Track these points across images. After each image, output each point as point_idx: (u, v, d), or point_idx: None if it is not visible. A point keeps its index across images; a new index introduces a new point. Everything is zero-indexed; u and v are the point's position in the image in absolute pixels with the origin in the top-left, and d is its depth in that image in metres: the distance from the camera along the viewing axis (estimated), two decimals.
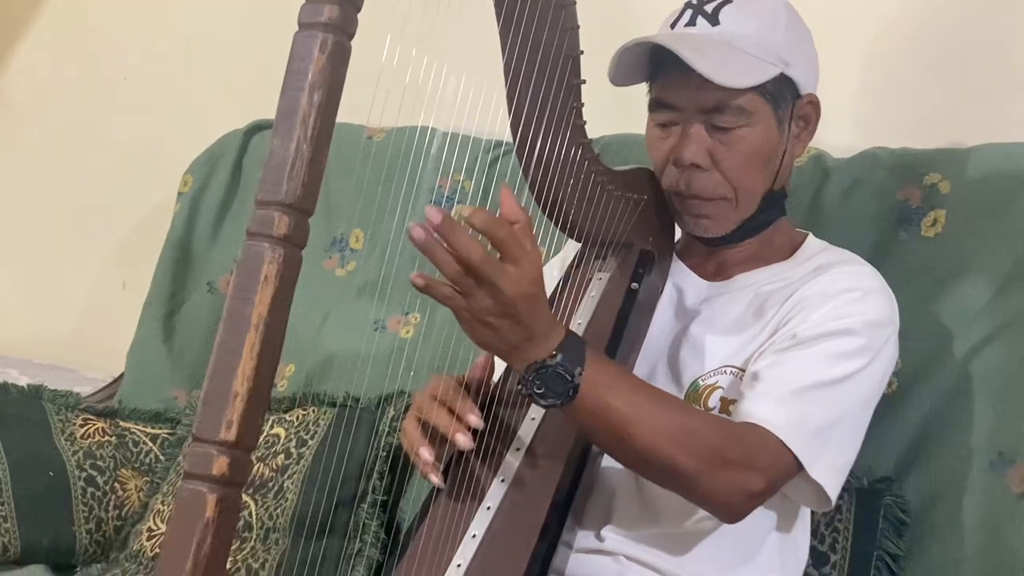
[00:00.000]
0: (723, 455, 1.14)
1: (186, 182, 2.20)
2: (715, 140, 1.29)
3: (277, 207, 0.83)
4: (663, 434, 1.12)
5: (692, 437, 1.14)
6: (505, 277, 1.01)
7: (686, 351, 1.32)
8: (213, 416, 0.81)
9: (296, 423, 1.81)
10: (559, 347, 1.08)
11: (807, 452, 1.18)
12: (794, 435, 1.17)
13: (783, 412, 1.18)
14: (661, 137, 1.33)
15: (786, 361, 1.22)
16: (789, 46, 1.29)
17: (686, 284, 1.38)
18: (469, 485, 1.17)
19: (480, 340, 1.08)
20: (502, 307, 1.03)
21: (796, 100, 1.32)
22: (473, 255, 0.99)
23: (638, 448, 1.13)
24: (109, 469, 1.90)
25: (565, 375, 1.08)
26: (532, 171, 1.20)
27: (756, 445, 1.16)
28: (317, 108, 0.83)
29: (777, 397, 1.19)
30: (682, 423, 1.15)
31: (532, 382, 1.08)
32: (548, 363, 1.07)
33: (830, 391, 1.21)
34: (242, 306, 0.82)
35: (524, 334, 1.06)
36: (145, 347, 2.12)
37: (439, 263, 1.00)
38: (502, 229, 1.01)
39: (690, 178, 1.30)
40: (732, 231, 1.34)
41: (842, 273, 1.30)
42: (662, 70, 1.30)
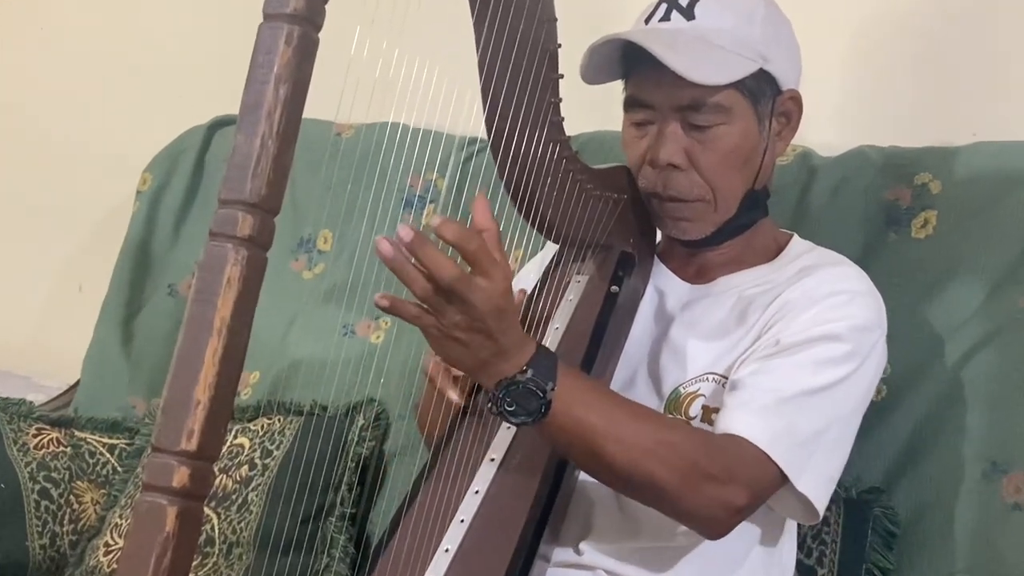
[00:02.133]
0: (704, 469, 1.14)
1: (145, 180, 2.19)
2: (692, 139, 1.29)
3: (241, 206, 0.83)
4: (640, 449, 1.12)
5: (671, 451, 1.13)
6: (476, 292, 1.02)
7: (667, 357, 1.32)
8: (173, 425, 0.81)
9: (261, 433, 1.80)
10: (529, 362, 1.08)
11: (792, 464, 1.18)
12: (778, 446, 1.17)
13: (766, 422, 1.18)
14: (637, 137, 1.33)
15: (769, 369, 1.22)
16: (768, 40, 1.29)
17: (667, 287, 1.39)
18: (442, 497, 1.17)
19: (449, 356, 1.08)
20: (472, 322, 1.03)
21: (776, 96, 1.32)
22: (444, 273, 0.99)
23: (615, 464, 1.13)
24: (64, 481, 1.89)
25: (536, 391, 1.08)
26: (508, 169, 1.20)
27: (738, 457, 1.16)
28: (283, 102, 0.83)
29: (760, 407, 1.19)
30: (660, 437, 1.15)
31: (502, 399, 1.08)
32: (518, 379, 1.07)
33: (815, 399, 1.21)
34: (204, 310, 0.82)
35: (494, 349, 1.06)
36: (102, 353, 2.11)
37: (408, 281, 1.01)
38: (472, 241, 1.01)
39: (667, 179, 1.31)
40: (711, 233, 1.34)
41: (828, 275, 1.30)
42: (636, 67, 1.30)
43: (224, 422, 0.83)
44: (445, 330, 1.04)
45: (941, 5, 1.74)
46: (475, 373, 1.10)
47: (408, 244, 0.98)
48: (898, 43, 1.77)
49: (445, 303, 1.02)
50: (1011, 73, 1.69)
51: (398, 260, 0.99)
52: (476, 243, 1.01)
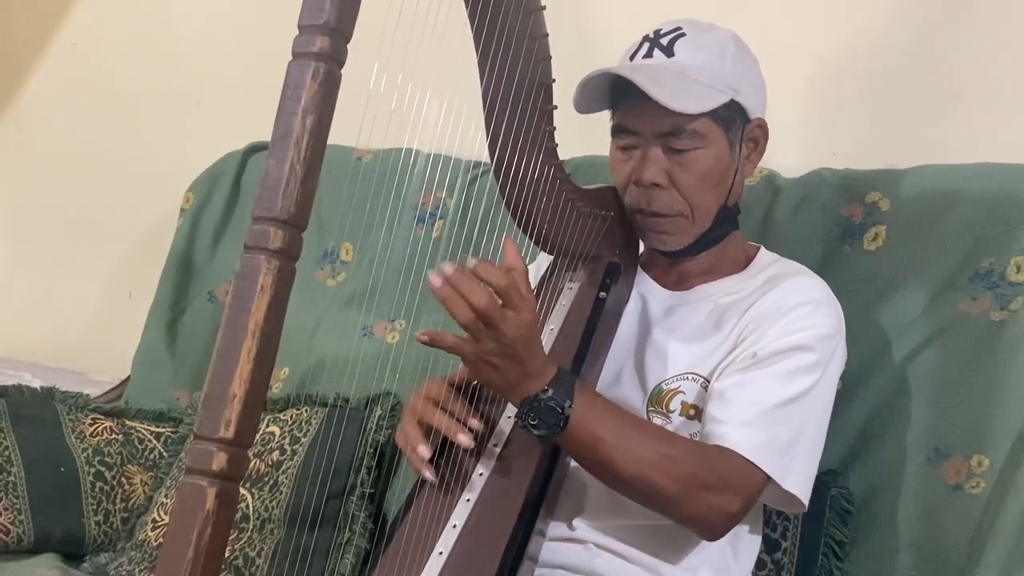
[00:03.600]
0: (701, 479, 1.15)
1: (188, 199, 2.19)
2: (672, 161, 1.29)
3: (273, 222, 0.83)
4: (645, 461, 1.14)
5: (672, 463, 1.15)
6: (507, 322, 1.05)
7: (650, 356, 1.32)
8: (213, 416, 0.81)
9: (290, 422, 1.80)
10: (551, 383, 1.11)
11: (777, 469, 1.19)
12: (763, 455, 1.18)
13: (751, 435, 1.18)
14: (623, 160, 1.33)
15: (748, 381, 1.22)
16: (737, 75, 1.30)
17: (650, 294, 1.38)
18: (451, 479, 1.17)
19: (484, 378, 1.11)
20: (504, 348, 1.07)
21: (746, 124, 1.32)
22: (481, 301, 1.03)
23: (622, 473, 1.14)
24: (116, 465, 1.89)
25: (556, 408, 1.10)
26: (508, 189, 1.20)
27: (730, 468, 1.17)
28: (309, 131, 0.83)
29: (744, 420, 1.19)
30: (663, 450, 1.15)
31: (527, 414, 1.11)
32: (541, 397, 1.11)
33: (791, 408, 1.21)
34: (240, 314, 0.82)
35: (522, 372, 1.09)
36: (150, 352, 2.11)
37: (453, 308, 1.04)
38: (503, 279, 1.06)
39: (650, 197, 1.31)
40: (689, 244, 1.34)
41: (793, 286, 1.30)
42: (623, 98, 1.30)
43: (258, 413, 0.83)
44: (481, 356, 1.08)
45: (889, 41, 1.74)
46: (504, 392, 1.13)
47: (450, 277, 1.03)
48: (851, 76, 1.77)
49: (484, 330, 1.05)
50: (953, 103, 1.69)
51: (446, 291, 1.04)
52: (506, 281, 1.06)
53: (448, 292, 1.04)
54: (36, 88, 2.61)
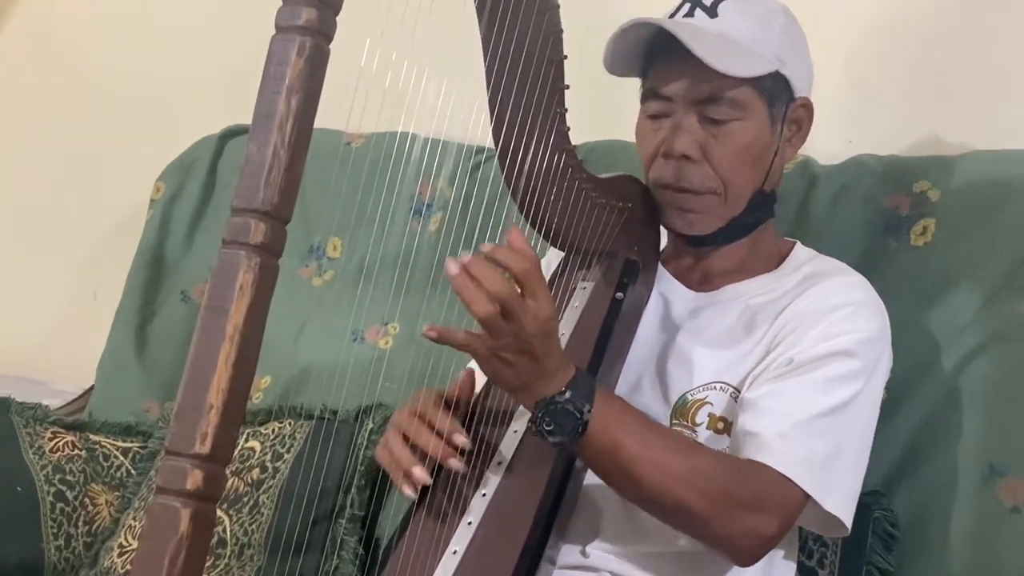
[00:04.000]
0: (735, 497, 1.15)
1: (158, 189, 2.19)
2: (707, 132, 1.29)
3: (253, 214, 0.83)
4: (673, 474, 1.14)
5: (702, 478, 1.14)
6: (526, 313, 1.05)
7: (673, 364, 1.32)
8: (187, 429, 0.81)
9: (272, 436, 1.80)
10: (569, 384, 1.11)
11: (817, 487, 1.18)
12: (802, 472, 1.18)
13: (788, 449, 1.18)
14: (652, 129, 1.33)
15: (784, 390, 1.22)
16: (785, 46, 1.30)
17: (672, 294, 1.38)
18: (450, 500, 1.17)
19: (497, 376, 1.11)
20: (520, 344, 1.07)
21: (790, 102, 1.33)
22: (501, 288, 1.03)
23: (647, 487, 1.14)
24: (79, 484, 1.89)
25: (574, 412, 1.10)
26: (514, 178, 1.20)
27: (766, 485, 1.17)
28: (295, 112, 0.83)
29: (780, 433, 1.19)
30: (693, 463, 1.15)
31: (542, 418, 1.11)
32: (558, 399, 1.10)
33: (832, 419, 1.21)
34: (217, 316, 0.82)
35: (537, 371, 1.09)
36: (116, 358, 2.11)
37: (471, 299, 1.04)
38: (522, 262, 1.05)
39: (680, 170, 1.31)
40: (718, 229, 1.34)
41: (833, 285, 1.30)
42: (656, 62, 1.30)
43: (236, 426, 0.83)
44: (495, 351, 1.08)
45: (940, 16, 1.73)
46: (518, 392, 1.13)
47: (467, 263, 1.03)
48: (897, 53, 1.77)
49: (502, 323, 1.05)
50: (1009, 82, 1.69)
51: (463, 280, 1.03)
52: (525, 265, 1.06)
53: (465, 281, 1.03)
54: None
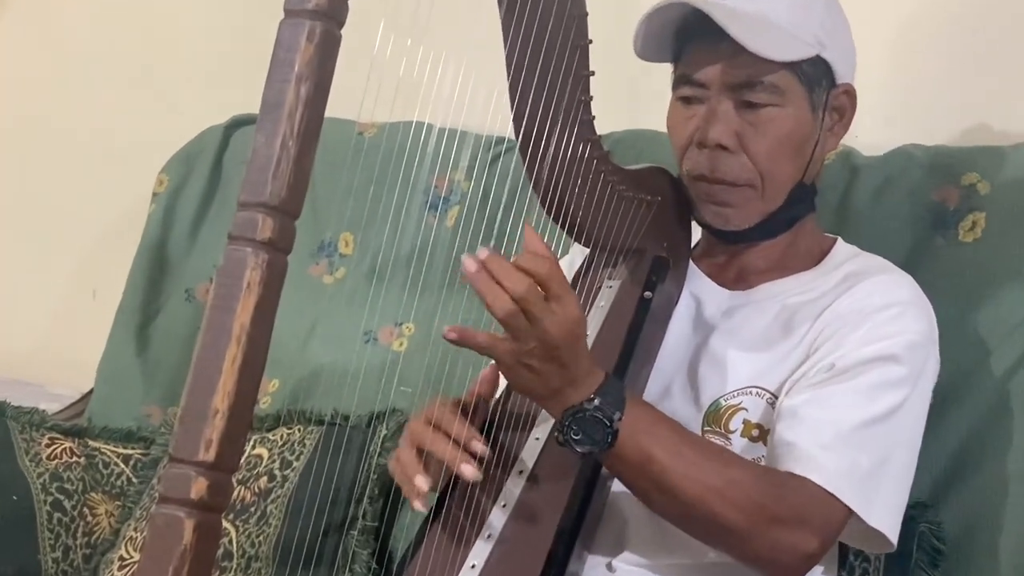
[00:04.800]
0: (772, 511, 1.15)
1: (161, 182, 2.20)
2: (744, 120, 1.29)
3: (261, 209, 0.83)
4: (706, 485, 1.14)
5: (738, 490, 1.14)
6: (550, 316, 1.05)
7: (706, 367, 1.32)
8: (191, 435, 0.81)
9: (280, 443, 1.81)
10: (598, 391, 1.11)
11: (861, 501, 1.18)
12: (844, 485, 1.17)
13: (830, 461, 1.18)
14: (685, 117, 1.33)
15: (826, 398, 1.22)
16: (826, 28, 1.30)
17: (704, 293, 1.38)
18: (468, 511, 1.17)
19: (521, 384, 1.11)
20: (546, 349, 1.06)
21: (831, 89, 1.32)
22: (521, 289, 1.03)
23: (680, 500, 1.14)
24: (77, 492, 1.90)
25: (603, 420, 1.10)
26: (536, 170, 1.20)
27: (806, 499, 1.17)
28: (304, 101, 0.83)
29: (821, 443, 1.19)
30: (728, 475, 1.15)
31: (569, 427, 1.10)
32: (586, 407, 1.10)
33: (876, 429, 1.21)
34: (223, 316, 0.82)
35: (565, 377, 1.09)
36: (117, 360, 2.12)
37: (492, 299, 1.03)
38: (544, 265, 1.05)
39: (714, 160, 1.30)
40: (756, 224, 1.34)
41: (877, 285, 1.30)
42: (688, 46, 1.30)
43: (243, 432, 0.84)
44: (520, 357, 1.07)
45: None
46: (544, 401, 1.13)
47: (486, 260, 1.03)
48: (946, 36, 1.76)
49: (526, 326, 1.05)
50: None
51: (482, 278, 1.03)
52: (547, 267, 1.05)
53: (484, 279, 1.03)
54: None
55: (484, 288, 1.03)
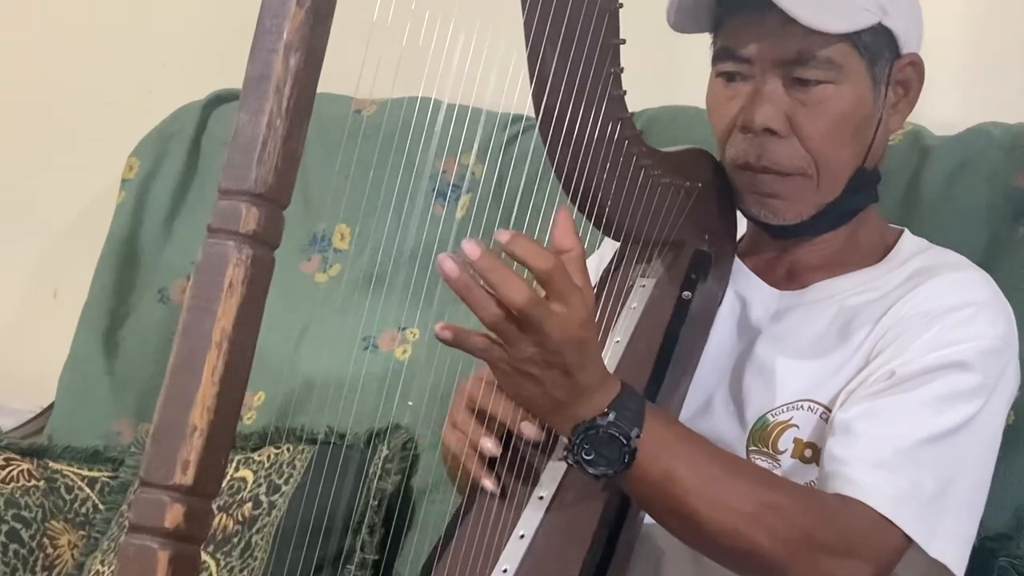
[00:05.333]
0: (818, 539, 1.15)
1: (131, 166, 2.21)
2: (795, 101, 1.29)
3: (244, 197, 0.83)
4: (741, 513, 1.13)
5: (778, 516, 1.14)
6: (551, 319, 1.03)
7: (751, 378, 1.33)
8: (165, 455, 0.82)
9: (267, 464, 1.81)
10: (612, 403, 1.09)
11: (922, 528, 1.18)
12: (903, 509, 1.17)
13: (886, 481, 1.18)
14: (727, 96, 1.33)
15: (884, 410, 1.21)
16: None
17: (751, 293, 1.38)
18: (481, 542, 1.17)
19: (520, 396, 1.10)
20: (547, 355, 1.05)
21: (895, 60, 1.32)
22: (516, 296, 1.01)
23: (709, 529, 1.13)
24: (36, 521, 1.91)
25: (619, 438, 1.09)
26: (559, 152, 1.20)
27: (857, 525, 1.16)
28: (294, 75, 0.83)
29: (877, 461, 1.19)
30: (766, 499, 1.15)
31: (579, 446, 1.09)
32: (599, 423, 1.09)
33: (942, 446, 1.20)
34: (201, 319, 0.82)
35: (572, 388, 1.08)
36: (81, 370, 2.13)
37: (475, 305, 1.02)
38: (547, 261, 1.03)
39: (762, 147, 1.30)
40: (810, 217, 1.34)
41: (947, 283, 1.30)
42: (731, 12, 1.30)
43: (225, 452, 0.84)
44: (517, 364, 1.06)
45: None
46: (549, 415, 1.12)
47: (475, 262, 1.01)
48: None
49: (517, 333, 1.03)
50: None
51: (463, 281, 1.01)
52: (550, 263, 1.03)
53: (466, 282, 1.01)
54: None
55: (467, 296, 1.02)
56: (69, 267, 2.31)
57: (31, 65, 2.50)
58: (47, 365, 2.18)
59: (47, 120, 2.47)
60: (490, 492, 1.17)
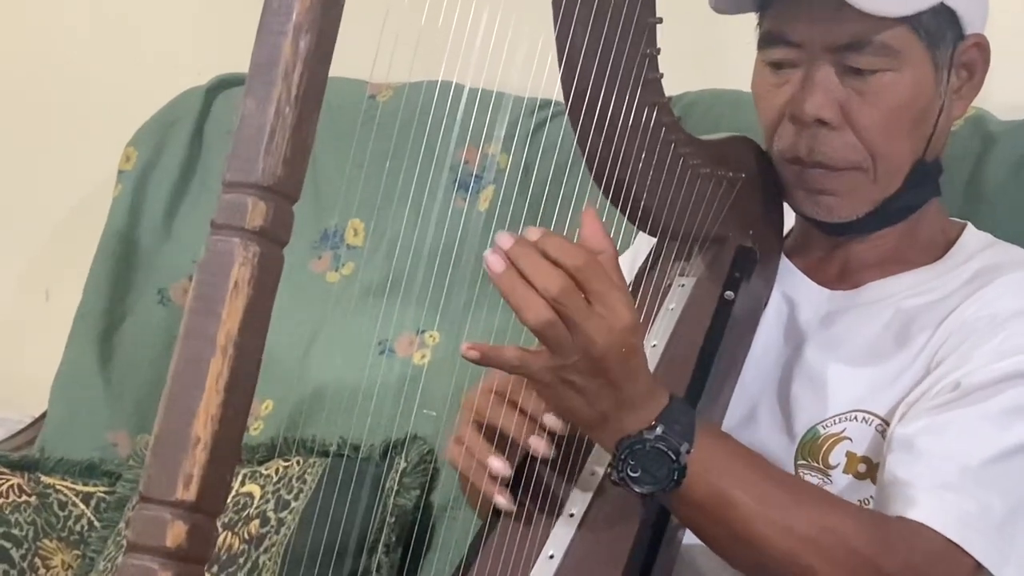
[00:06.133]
0: (880, 566, 1.14)
1: (128, 157, 2.22)
2: (849, 89, 1.29)
3: (250, 190, 0.83)
4: (798, 535, 1.13)
5: (838, 541, 1.14)
6: (592, 320, 1.03)
7: (800, 386, 1.33)
8: (166, 469, 0.82)
9: (275, 479, 1.82)
10: (660, 416, 1.10)
11: (992, 553, 1.17)
12: (971, 533, 1.17)
13: (952, 504, 1.17)
14: (774, 84, 1.33)
15: (948, 425, 1.21)
16: None
17: (799, 293, 1.38)
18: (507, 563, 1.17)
19: (564, 407, 1.11)
20: (591, 363, 1.05)
21: (958, 41, 1.32)
22: (552, 287, 1.01)
23: (763, 553, 1.13)
24: (27, 540, 1.92)
25: (668, 453, 1.09)
26: (590, 140, 1.20)
27: (922, 551, 1.16)
28: (304, 58, 0.84)
29: (943, 482, 1.18)
30: (824, 522, 1.15)
31: (624, 462, 1.09)
32: (646, 437, 1.09)
33: (1012, 464, 1.20)
34: (204, 322, 0.83)
35: (617, 399, 1.08)
36: (75, 377, 2.14)
37: (521, 306, 1.03)
38: (581, 257, 1.03)
39: (813, 139, 1.30)
40: (866, 214, 1.34)
41: (1013, 284, 1.30)
42: None
43: (230, 465, 0.84)
44: (560, 373, 1.06)
45: None
46: (593, 429, 1.12)
47: (508, 250, 1.02)
48: None
49: (564, 336, 1.03)
50: None
51: (510, 279, 1.02)
52: (586, 259, 1.04)
53: (512, 280, 1.02)
54: None
55: (511, 292, 1.03)
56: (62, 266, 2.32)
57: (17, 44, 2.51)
58: (38, 372, 2.19)
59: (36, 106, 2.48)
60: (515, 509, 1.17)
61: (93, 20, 2.45)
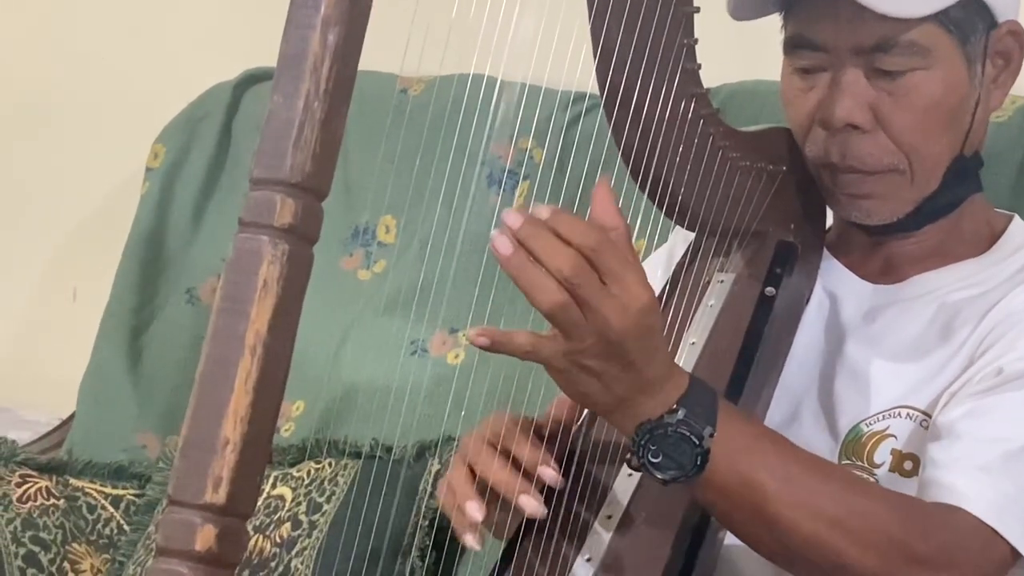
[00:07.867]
0: (912, 549, 1.14)
1: (156, 154, 2.23)
2: (879, 90, 1.28)
3: (279, 187, 0.84)
4: (827, 518, 1.12)
5: (867, 523, 1.13)
6: (607, 301, 1.02)
7: (843, 383, 1.32)
8: (195, 471, 0.82)
9: (307, 481, 1.82)
10: (681, 399, 1.09)
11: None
12: (1009, 518, 1.16)
13: (990, 487, 1.17)
14: (802, 89, 1.32)
15: (989, 410, 1.21)
16: None
17: (842, 288, 1.38)
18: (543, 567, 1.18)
19: (579, 392, 1.09)
20: (607, 345, 1.04)
21: (991, 30, 1.31)
22: (564, 267, 1.00)
23: (791, 538, 1.13)
24: (56, 543, 1.93)
25: (691, 437, 1.08)
26: (627, 133, 1.20)
27: (957, 535, 1.15)
28: (333, 52, 0.84)
29: (981, 465, 1.18)
30: (853, 504, 1.14)
31: (645, 447, 1.08)
32: (667, 421, 1.08)
33: None
34: (233, 321, 0.83)
35: (635, 382, 1.07)
36: (103, 378, 2.15)
37: (532, 289, 1.01)
38: (594, 236, 1.02)
39: (845, 144, 1.30)
40: (907, 215, 1.33)
41: None
42: None
43: (260, 467, 0.84)
44: (575, 357, 1.05)
45: None
46: (611, 414, 1.11)
47: (516, 230, 1.00)
48: None
49: (579, 319, 1.02)
50: None
51: (518, 260, 1.01)
52: (597, 238, 1.02)
53: (521, 262, 1.01)
54: None
55: (521, 274, 1.01)
56: (89, 266, 2.33)
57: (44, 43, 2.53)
58: (66, 373, 2.20)
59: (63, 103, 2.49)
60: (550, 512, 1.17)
61: (120, 16, 2.46)
